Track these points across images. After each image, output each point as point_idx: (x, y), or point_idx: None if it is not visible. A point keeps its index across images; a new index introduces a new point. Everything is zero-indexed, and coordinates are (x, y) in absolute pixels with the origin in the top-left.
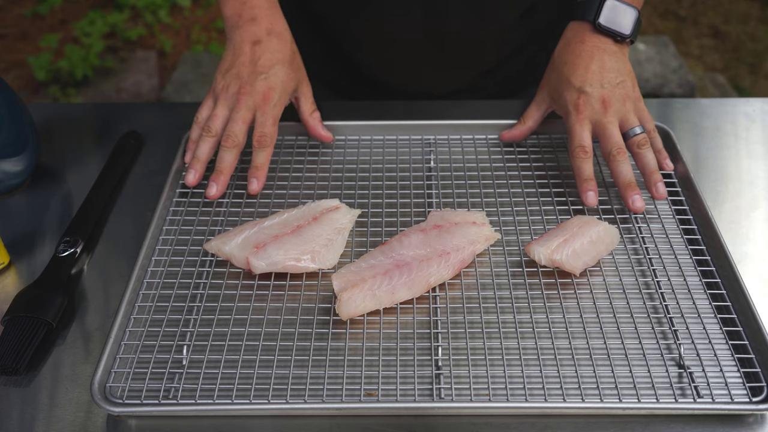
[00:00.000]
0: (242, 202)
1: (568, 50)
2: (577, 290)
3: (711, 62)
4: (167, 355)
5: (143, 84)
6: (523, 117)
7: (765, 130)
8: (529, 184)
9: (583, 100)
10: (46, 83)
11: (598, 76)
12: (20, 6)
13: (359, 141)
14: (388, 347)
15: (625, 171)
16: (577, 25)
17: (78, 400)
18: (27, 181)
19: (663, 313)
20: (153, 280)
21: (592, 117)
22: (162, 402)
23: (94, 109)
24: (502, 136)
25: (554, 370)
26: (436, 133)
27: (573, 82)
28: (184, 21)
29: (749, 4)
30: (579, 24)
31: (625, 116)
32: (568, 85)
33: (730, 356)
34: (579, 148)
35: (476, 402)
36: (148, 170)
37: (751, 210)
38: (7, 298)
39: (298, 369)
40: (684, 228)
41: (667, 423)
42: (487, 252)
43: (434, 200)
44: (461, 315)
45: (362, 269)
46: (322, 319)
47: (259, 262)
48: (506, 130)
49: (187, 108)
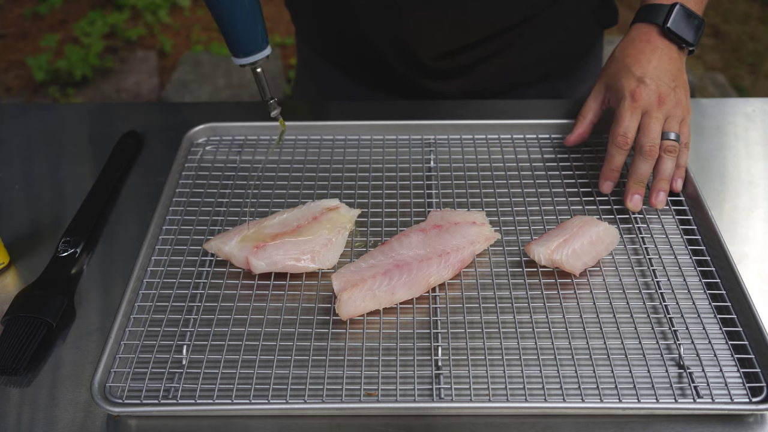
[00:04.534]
0: (242, 202)
1: (631, 46)
2: (577, 290)
3: (711, 62)
4: (167, 355)
5: (143, 84)
6: (582, 113)
7: (765, 130)
8: (529, 184)
9: (641, 89)
10: (46, 83)
11: (658, 72)
12: (20, 6)
13: (359, 141)
14: (388, 347)
15: (645, 169)
16: (643, 27)
17: (78, 400)
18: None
19: (663, 313)
20: (153, 280)
21: (644, 108)
22: (162, 402)
23: (94, 109)
24: (567, 142)
25: (554, 370)
26: (436, 133)
27: (634, 71)
28: (184, 21)
29: (749, 4)
30: (646, 26)
31: (671, 120)
32: (628, 73)
33: (729, 356)
34: (621, 137)
35: (476, 402)
36: (148, 170)
37: (751, 210)
38: (7, 298)
39: (298, 369)
40: (684, 228)
41: (667, 423)
42: (487, 252)
43: (434, 200)
44: (461, 315)
45: (362, 269)
46: (322, 319)
47: (258, 261)
48: (569, 135)
49: (187, 108)
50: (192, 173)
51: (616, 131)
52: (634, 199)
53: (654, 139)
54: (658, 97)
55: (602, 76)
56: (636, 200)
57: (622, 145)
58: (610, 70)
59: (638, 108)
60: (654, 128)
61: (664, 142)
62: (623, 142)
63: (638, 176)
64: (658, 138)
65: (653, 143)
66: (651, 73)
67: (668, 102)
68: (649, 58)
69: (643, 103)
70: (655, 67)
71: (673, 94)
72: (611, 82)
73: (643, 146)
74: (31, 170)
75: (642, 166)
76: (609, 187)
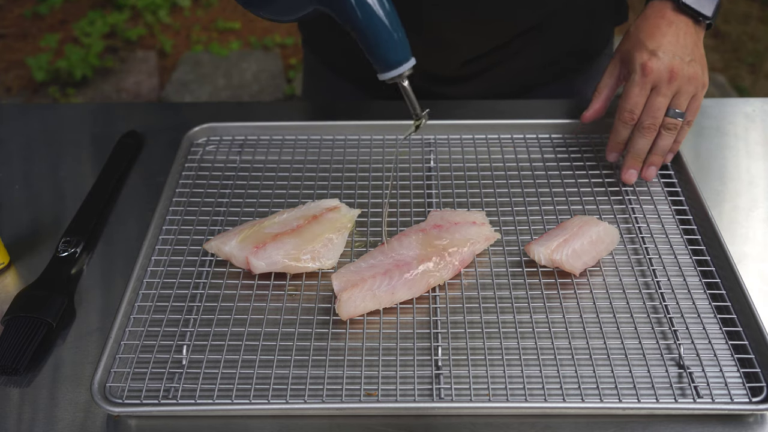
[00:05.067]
0: (242, 202)
1: (646, 22)
2: (577, 290)
3: (711, 62)
4: (167, 355)
5: (143, 84)
6: (597, 89)
7: (765, 130)
8: (529, 184)
9: (653, 63)
10: (46, 83)
11: (673, 46)
12: (20, 6)
13: (359, 141)
14: (388, 347)
15: (643, 145)
16: (658, 4)
17: (78, 400)
18: None
19: (663, 313)
20: (153, 280)
21: (654, 82)
22: (162, 402)
23: (94, 109)
24: (584, 118)
25: (554, 370)
26: (436, 133)
27: (647, 45)
28: (184, 21)
29: (749, 4)
30: (660, 3)
31: (680, 96)
32: (641, 47)
33: (730, 356)
34: (628, 113)
35: (476, 402)
36: (148, 170)
37: (751, 210)
38: (7, 298)
39: (298, 369)
40: (684, 228)
41: (667, 423)
42: (487, 252)
43: (434, 200)
44: (461, 315)
45: (362, 269)
46: (322, 319)
47: (258, 261)
48: (585, 111)
49: (187, 108)
50: (192, 173)
51: (623, 106)
52: (629, 173)
53: (655, 116)
54: (669, 72)
55: (617, 51)
56: (631, 174)
57: (628, 121)
58: (624, 45)
59: (648, 83)
60: (659, 106)
61: (666, 119)
62: (629, 119)
63: (635, 151)
64: (661, 115)
65: (653, 121)
66: (665, 46)
67: (680, 77)
68: (664, 32)
69: (653, 77)
70: (670, 41)
71: (687, 68)
72: (625, 57)
73: (643, 123)
74: (31, 170)
75: (640, 141)
76: (614, 157)
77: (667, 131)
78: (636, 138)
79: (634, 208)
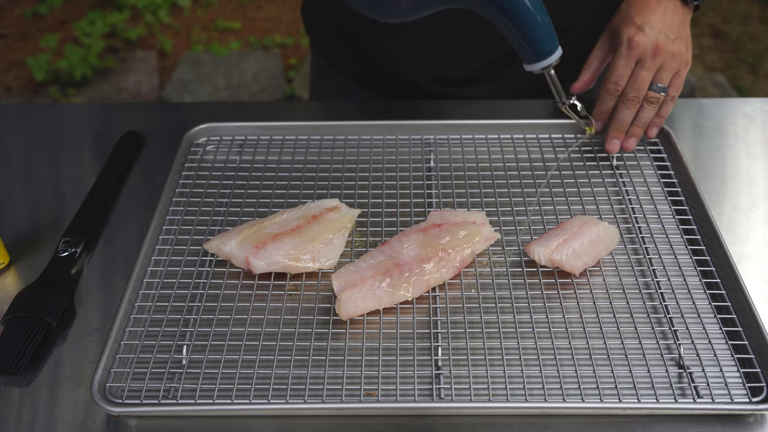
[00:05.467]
0: (242, 202)
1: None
2: (577, 290)
3: (711, 62)
4: (167, 355)
5: (143, 84)
6: (587, 61)
7: (765, 130)
8: (529, 184)
9: (639, 37)
10: (46, 83)
11: (660, 23)
12: (20, 6)
13: (359, 141)
14: (388, 347)
15: (626, 116)
16: None
17: (78, 400)
18: None
19: (663, 313)
20: (153, 280)
21: (639, 56)
22: (162, 402)
23: (94, 109)
24: (573, 89)
25: (554, 370)
26: (436, 133)
27: (635, 20)
28: (184, 21)
29: (749, 4)
30: None
31: (663, 71)
32: (629, 22)
33: (730, 356)
34: (613, 85)
35: (476, 402)
36: (148, 170)
37: (751, 210)
38: (7, 298)
39: (298, 369)
40: (684, 228)
41: (667, 423)
42: (487, 252)
43: (434, 200)
44: (461, 315)
45: (362, 269)
46: (322, 319)
47: (258, 261)
48: (575, 83)
49: (187, 108)
50: (192, 173)
51: (609, 78)
52: (612, 142)
53: (639, 89)
54: (654, 47)
55: (608, 27)
56: (614, 144)
57: (612, 92)
58: (614, 20)
59: (633, 56)
60: (643, 79)
61: (649, 92)
62: (614, 90)
63: (619, 122)
64: (644, 88)
65: (637, 93)
66: (652, 23)
67: (664, 53)
68: (653, 10)
69: (638, 51)
70: (657, 18)
71: (671, 45)
72: (614, 31)
73: (627, 95)
74: (31, 170)
75: (623, 112)
76: (600, 126)
77: (650, 105)
78: (620, 109)
79: (634, 208)
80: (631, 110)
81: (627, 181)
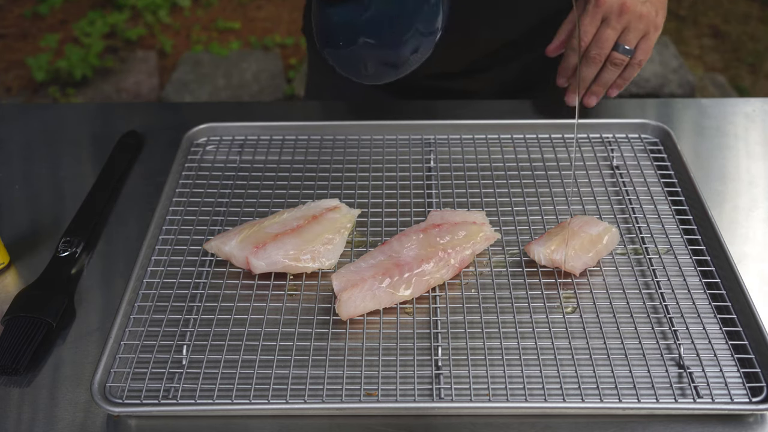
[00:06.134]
0: (242, 202)
1: None
2: (577, 290)
3: (711, 62)
4: (167, 355)
5: (143, 84)
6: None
7: (765, 130)
8: (529, 184)
9: None
10: (46, 83)
11: None
12: (20, 6)
13: (359, 141)
14: (388, 347)
15: (587, 74)
16: None
17: (78, 400)
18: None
19: (663, 313)
20: (153, 280)
21: (605, 14)
22: (162, 402)
23: (94, 109)
24: (548, 51)
25: (554, 370)
26: (436, 133)
27: None
28: (184, 21)
29: (749, 4)
30: None
31: (629, 32)
32: None
33: (730, 356)
34: (575, 40)
35: (476, 402)
36: (148, 170)
37: (751, 210)
38: (7, 298)
39: (298, 369)
40: (684, 228)
41: (667, 423)
42: (487, 252)
43: (434, 200)
44: (461, 315)
45: (362, 269)
46: (322, 319)
47: (258, 261)
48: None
49: (187, 108)
50: (192, 173)
51: (574, 34)
52: (570, 96)
53: (602, 47)
54: (621, 5)
55: None
56: (572, 98)
57: (575, 47)
58: None
59: (599, 14)
60: (607, 38)
61: (613, 54)
62: (576, 45)
63: (583, 79)
64: (607, 48)
65: (599, 52)
66: None
67: (631, 13)
68: None
69: (604, 8)
70: None
71: (640, 6)
72: None
73: (589, 52)
74: (31, 170)
75: (584, 70)
76: (563, 83)
77: (613, 66)
78: (582, 66)
79: (634, 208)
80: (592, 68)
81: (627, 181)
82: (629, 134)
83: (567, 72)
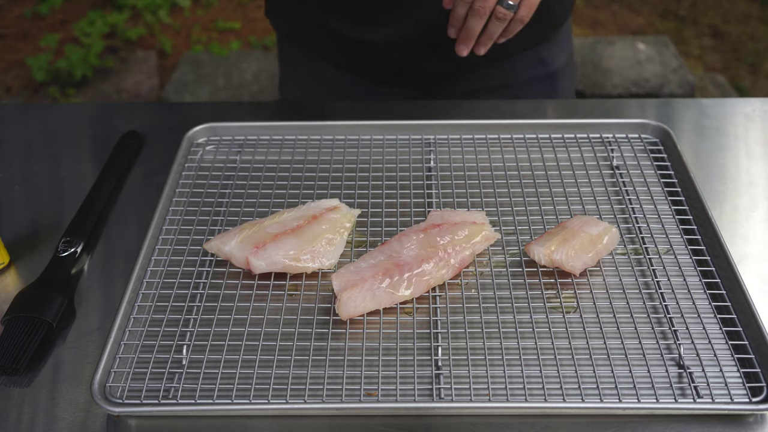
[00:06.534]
0: (242, 202)
1: None
2: (577, 290)
3: (711, 62)
4: (167, 355)
5: (143, 84)
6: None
7: (765, 130)
8: (529, 184)
9: None
10: (46, 83)
11: None
12: (20, 6)
13: (359, 141)
14: (388, 347)
15: (473, 25)
16: None
17: (78, 400)
18: None
19: (663, 313)
20: (153, 280)
21: None
22: (162, 402)
23: (94, 109)
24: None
25: (554, 370)
26: (436, 133)
27: None
28: (184, 21)
29: (749, 4)
30: None
31: None
32: None
33: (730, 356)
34: None
35: (476, 402)
36: (148, 170)
37: (751, 210)
38: (7, 298)
39: (298, 369)
40: (684, 228)
41: (667, 423)
42: (487, 252)
43: (434, 200)
44: (461, 315)
45: (362, 269)
46: (322, 319)
47: (258, 261)
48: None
49: (187, 108)
50: (192, 173)
51: None
52: (459, 47)
53: (486, 1)
54: None
55: None
56: (461, 48)
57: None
58: None
59: None
60: None
61: (497, 8)
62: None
63: (467, 29)
64: (492, 2)
65: (483, 5)
66: None
67: None
68: None
69: None
70: None
71: None
72: None
73: (474, 4)
74: (31, 170)
75: (470, 21)
76: (453, 33)
77: (498, 20)
78: (468, 18)
79: (634, 208)
80: (477, 20)
81: (627, 181)
82: (629, 134)
83: (457, 23)
